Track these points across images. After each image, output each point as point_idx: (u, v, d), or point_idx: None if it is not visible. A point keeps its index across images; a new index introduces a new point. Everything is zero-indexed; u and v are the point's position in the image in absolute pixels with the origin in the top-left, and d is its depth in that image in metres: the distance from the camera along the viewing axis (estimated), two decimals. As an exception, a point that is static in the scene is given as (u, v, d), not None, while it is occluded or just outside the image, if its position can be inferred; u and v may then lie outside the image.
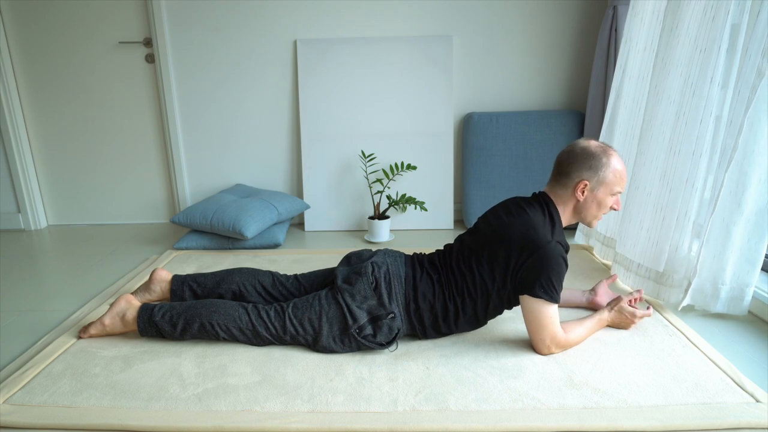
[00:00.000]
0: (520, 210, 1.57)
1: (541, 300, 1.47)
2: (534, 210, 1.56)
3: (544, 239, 1.48)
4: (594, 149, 1.53)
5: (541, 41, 2.85)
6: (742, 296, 1.75)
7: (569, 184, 1.55)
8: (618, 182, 1.54)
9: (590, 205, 1.56)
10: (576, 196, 1.55)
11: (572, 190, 1.55)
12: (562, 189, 1.57)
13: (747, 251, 1.70)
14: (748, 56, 1.58)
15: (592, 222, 1.61)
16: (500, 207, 1.65)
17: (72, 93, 2.99)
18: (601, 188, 1.53)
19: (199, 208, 2.65)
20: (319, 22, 2.84)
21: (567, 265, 1.51)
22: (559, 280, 1.48)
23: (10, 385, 1.44)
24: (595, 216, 1.59)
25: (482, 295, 1.56)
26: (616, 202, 1.58)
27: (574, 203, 1.57)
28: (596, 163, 1.52)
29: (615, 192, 1.55)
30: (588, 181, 1.52)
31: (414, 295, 1.59)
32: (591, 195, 1.54)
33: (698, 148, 1.72)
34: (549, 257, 1.46)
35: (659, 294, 1.89)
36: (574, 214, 1.60)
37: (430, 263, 1.66)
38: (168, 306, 1.66)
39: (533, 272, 1.47)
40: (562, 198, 1.57)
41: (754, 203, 1.67)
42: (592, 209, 1.57)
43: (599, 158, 1.52)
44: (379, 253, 1.70)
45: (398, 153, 2.93)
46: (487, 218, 1.65)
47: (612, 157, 1.53)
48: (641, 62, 2.12)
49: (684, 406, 1.31)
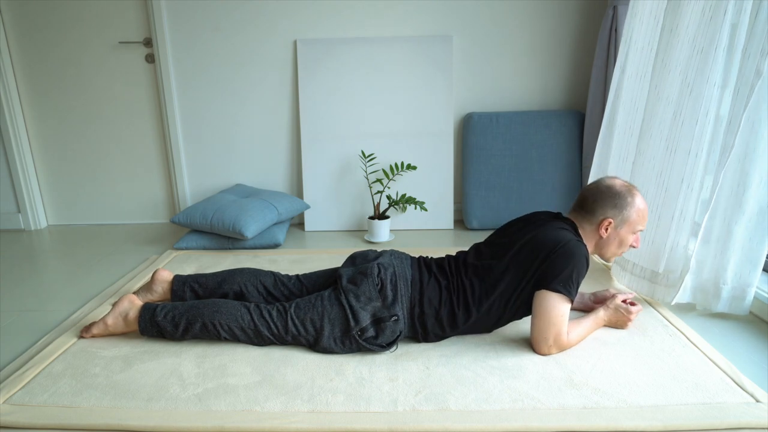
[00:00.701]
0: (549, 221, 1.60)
1: (557, 295, 1.47)
2: (562, 224, 1.59)
3: (570, 236, 1.51)
4: (619, 188, 1.58)
5: (541, 41, 2.85)
6: (744, 296, 1.75)
7: (593, 220, 1.59)
8: (640, 221, 1.59)
9: (612, 242, 1.60)
10: (599, 233, 1.59)
11: (596, 226, 1.59)
12: (586, 224, 1.61)
13: (749, 251, 1.71)
14: (747, 56, 1.58)
15: (611, 258, 1.66)
16: (528, 217, 1.68)
17: (72, 93, 2.99)
18: (624, 226, 1.58)
19: (199, 208, 2.65)
20: (319, 22, 2.84)
21: (588, 267, 1.52)
22: (579, 278, 1.50)
23: (10, 385, 1.44)
24: (614, 253, 1.63)
25: (499, 304, 1.57)
26: (635, 240, 1.63)
27: (597, 239, 1.61)
28: (621, 202, 1.56)
29: (637, 230, 1.60)
30: (612, 219, 1.56)
31: (420, 299, 1.59)
32: (614, 233, 1.59)
33: (695, 147, 1.73)
34: (573, 252, 1.48)
35: (654, 293, 1.89)
36: (594, 249, 1.64)
37: (438, 268, 1.66)
38: (170, 306, 1.66)
39: (556, 266, 1.48)
40: (584, 231, 1.61)
41: (755, 203, 1.67)
42: (612, 246, 1.61)
43: (624, 197, 1.56)
44: (385, 254, 1.69)
45: (398, 153, 2.93)
46: (507, 231, 1.67)
47: (636, 197, 1.58)
48: (641, 62, 2.12)
49: (684, 406, 1.31)
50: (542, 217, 1.65)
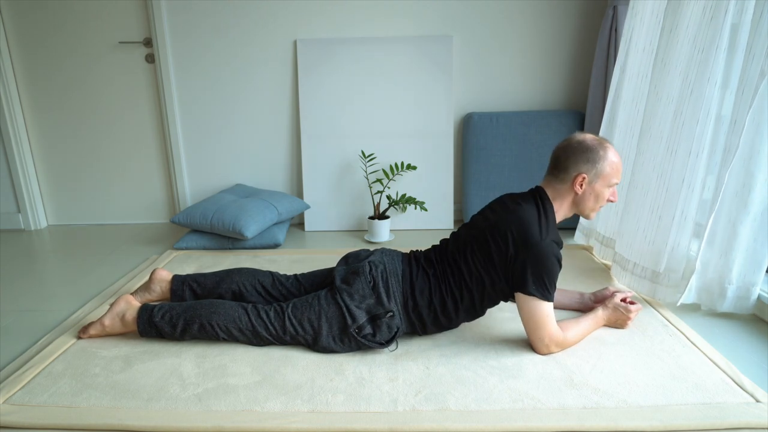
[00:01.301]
0: (515, 205, 1.58)
1: (534, 298, 1.48)
2: (529, 204, 1.57)
3: (536, 237, 1.49)
4: (590, 142, 1.55)
5: (541, 41, 2.85)
6: (749, 295, 1.75)
7: (567, 178, 1.56)
8: (615, 174, 1.56)
9: (588, 197, 1.58)
10: (574, 190, 1.56)
11: (570, 183, 1.56)
12: (560, 183, 1.58)
13: (753, 251, 1.71)
14: (751, 56, 1.58)
15: (590, 214, 1.62)
16: (496, 202, 1.67)
17: (72, 93, 2.99)
18: (598, 180, 1.55)
19: (199, 208, 2.65)
20: (319, 22, 2.84)
21: (560, 263, 1.52)
22: (552, 279, 1.50)
23: (10, 385, 1.44)
24: (592, 209, 1.61)
25: (478, 287, 1.57)
26: (612, 194, 1.60)
27: (573, 197, 1.58)
28: (593, 156, 1.54)
29: (612, 184, 1.58)
30: (586, 174, 1.54)
31: (411, 292, 1.60)
32: (589, 188, 1.56)
33: (696, 147, 1.72)
34: (542, 256, 1.47)
35: (656, 293, 1.89)
36: (572, 207, 1.61)
37: (426, 259, 1.68)
38: (168, 306, 1.66)
39: (526, 270, 1.48)
40: (559, 192, 1.59)
41: (760, 203, 1.67)
42: (590, 202, 1.59)
43: (596, 151, 1.54)
44: (377, 253, 1.71)
45: (398, 153, 2.93)
46: (483, 212, 1.67)
47: (608, 150, 1.55)
48: (641, 62, 2.12)
49: (684, 406, 1.31)
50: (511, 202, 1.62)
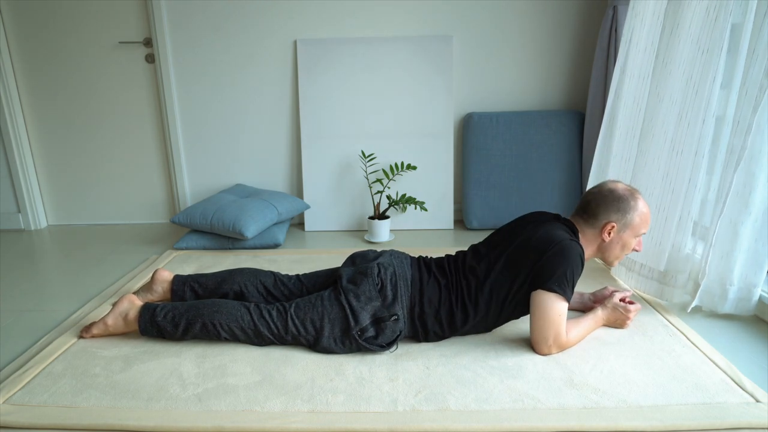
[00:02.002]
0: (547, 220, 1.61)
1: (553, 295, 1.48)
2: (561, 225, 1.60)
3: (565, 236, 1.52)
4: (622, 192, 1.58)
5: (541, 41, 2.85)
6: (750, 296, 1.75)
7: (596, 224, 1.59)
8: (643, 225, 1.59)
9: (615, 246, 1.61)
10: (602, 237, 1.59)
11: (599, 230, 1.59)
12: (588, 227, 1.61)
13: (754, 252, 1.71)
14: (755, 57, 1.58)
15: (614, 262, 1.66)
16: (527, 217, 1.68)
17: (72, 93, 2.99)
18: (627, 230, 1.58)
19: (199, 208, 2.65)
20: (319, 22, 2.84)
21: (583, 266, 1.53)
22: (574, 279, 1.50)
23: (10, 385, 1.44)
24: (617, 257, 1.64)
25: (496, 303, 1.57)
26: (638, 244, 1.63)
27: (599, 243, 1.61)
28: (624, 206, 1.56)
29: (640, 234, 1.61)
30: (615, 223, 1.57)
31: (420, 299, 1.59)
32: (617, 237, 1.59)
33: (700, 148, 1.72)
34: (567, 252, 1.49)
35: (662, 294, 1.89)
36: (596, 252, 1.64)
37: (438, 268, 1.66)
38: (170, 306, 1.66)
39: (550, 266, 1.48)
40: (586, 235, 1.62)
41: (761, 203, 1.67)
42: (615, 250, 1.62)
43: (627, 201, 1.57)
44: (385, 254, 1.70)
45: (398, 153, 2.93)
46: (511, 229, 1.67)
47: (639, 201, 1.58)
48: (641, 62, 2.12)
49: (684, 406, 1.31)
50: (539, 218, 1.66)
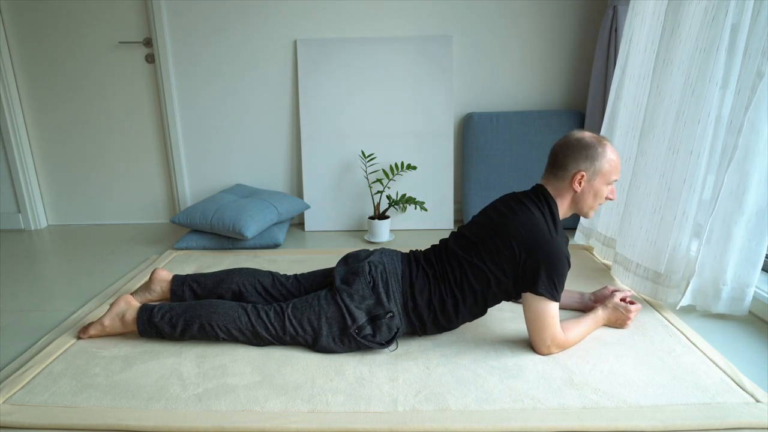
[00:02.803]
0: (521, 206, 1.58)
1: (542, 298, 1.48)
2: (534, 205, 1.57)
3: (547, 237, 1.50)
4: (588, 140, 1.55)
5: (541, 41, 2.85)
6: (743, 296, 1.75)
7: (566, 176, 1.57)
8: (613, 171, 1.57)
9: (587, 195, 1.58)
10: (573, 188, 1.57)
11: (569, 181, 1.57)
12: (559, 181, 1.58)
13: (748, 251, 1.71)
14: (748, 56, 1.58)
15: (588, 212, 1.63)
16: (500, 202, 1.66)
17: (72, 93, 2.99)
18: (597, 178, 1.56)
19: (199, 208, 2.65)
20: (319, 22, 2.84)
21: (569, 264, 1.52)
22: (561, 280, 1.50)
23: (10, 385, 1.44)
24: (591, 206, 1.61)
25: (482, 287, 1.57)
26: (611, 192, 1.60)
27: (572, 195, 1.59)
28: (592, 153, 1.54)
29: (611, 181, 1.58)
30: (585, 171, 1.54)
31: (411, 293, 1.59)
32: (588, 185, 1.56)
33: (697, 147, 1.72)
34: (552, 256, 1.47)
35: (657, 294, 1.89)
36: (571, 206, 1.61)
37: (425, 259, 1.67)
38: (167, 307, 1.66)
39: (536, 270, 1.48)
40: (558, 190, 1.59)
41: (754, 203, 1.67)
42: (588, 199, 1.59)
43: (594, 148, 1.54)
44: (376, 253, 1.70)
45: (398, 153, 2.93)
46: (486, 213, 1.66)
47: (606, 147, 1.56)
48: (641, 62, 2.12)
49: (684, 406, 1.31)
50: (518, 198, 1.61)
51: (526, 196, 1.62)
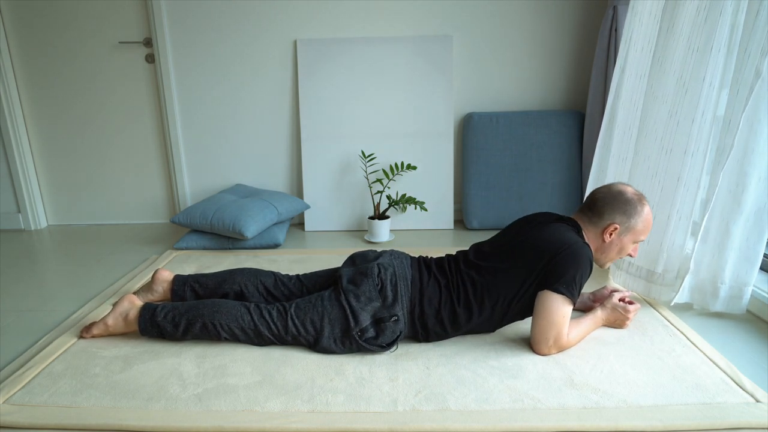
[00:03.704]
0: (551, 222, 1.61)
1: (560, 296, 1.47)
2: (567, 226, 1.60)
3: (576, 238, 1.52)
4: (630, 196, 1.59)
5: (541, 41, 2.85)
6: (741, 295, 1.75)
7: (600, 223, 1.59)
8: (644, 232, 1.60)
9: (613, 248, 1.61)
10: (603, 237, 1.59)
11: (601, 230, 1.59)
12: (592, 226, 1.61)
13: (746, 250, 1.71)
14: (746, 56, 1.58)
15: (606, 263, 1.66)
16: (529, 217, 1.68)
17: (72, 93, 2.99)
18: (628, 234, 1.59)
19: (199, 208, 2.65)
20: (319, 22, 2.84)
21: (591, 270, 1.53)
22: (582, 282, 1.50)
23: (10, 385, 1.44)
24: (612, 259, 1.64)
25: (502, 304, 1.56)
26: (634, 250, 1.64)
27: (599, 243, 1.61)
28: (631, 209, 1.57)
29: (638, 240, 1.61)
30: (619, 225, 1.57)
31: (420, 299, 1.59)
32: (617, 239, 1.59)
33: (690, 146, 1.73)
34: (578, 255, 1.48)
35: (650, 292, 1.89)
36: (593, 253, 1.63)
37: (438, 268, 1.66)
38: (170, 306, 1.66)
39: (561, 268, 1.48)
40: (588, 234, 1.62)
41: (753, 202, 1.67)
42: (613, 252, 1.62)
43: (634, 206, 1.57)
44: (385, 255, 1.69)
45: (398, 153, 2.93)
46: (513, 228, 1.68)
47: (645, 207, 1.59)
48: (640, 62, 2.12)
49: (684, 406, 1.31)
50: (546, 218, 1.65)
51: (557, 218, 1.64)
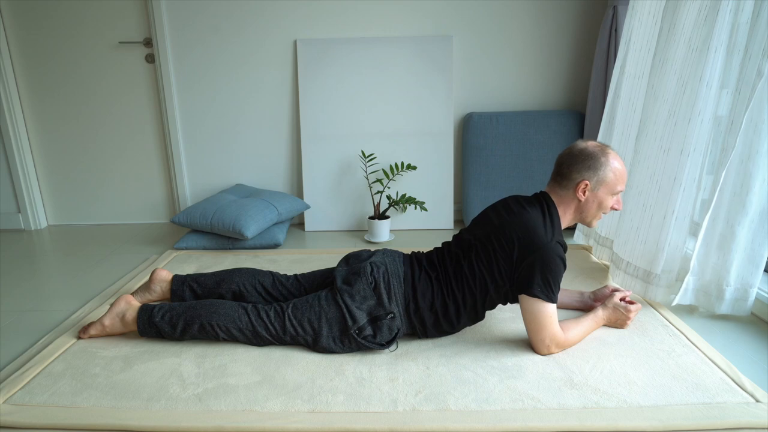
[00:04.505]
0: (520, 208, 1.58)
1: (538, 300, 1.48)
2: (535, 209, 1.57)
3: (543, 239, 1.49)
4: (592, 149, 1.56)
5: (541, 41, 2.85)
6: (746, 297, 1.75)
7: (570, 185, 1.57)
8: (618, 181, 1.56)
9: (591, 204, 1.58)
10: (577, 197, 1.57)
11: (573, 190, 1.57)
12: (563, 190, 1.59)
13: (751, 252, 1.71)
14: (748, 56, 1.58)
15: (592, 222, 1.63)
16: (501, 204, 1.66)
17: (72, 93, 2.99)
18: (601, 188, 1.56)
19: (199, 208, 2.65)
20: (319, 22, 2.84)
21: (565, 266, 1.52)
22: (557, 281, 1.49)
23: (10, 385, 1.44)
24: (595, 216, 1.61)
25: (481, 290, 1.57)
26: (617, 202, 1.60)
27: (576, 204, 1.59)
28: (595, 162, 1.54)
29: (616, 191, 1.58)
30: (588, 180, 1.54)
31: (413, 295, 1.59)
32: (592, 195, 1.56)
33: (689, 146, 1.73)
34: (548, 257, 1.47)
35: (647, 293, 1.89)
36: (575, 215, 1.61)
37: (428, 262, 1.67)
38: (168, 307, 1.66)
39: (531, 272, 1.48)
40: (563, 199, 1.59)
41: (757, 204, 1.67)
42: (592, 209, 1.59)
43: (598, 158, 1.54)
44: (378, 253, 1.70)
45: (398, 153, 2.93)
46: (486, 215, 1.66)
47: (610, 156, 1.56)
48: (639, 62, 2.12)
49: (684, 406, 1.31)
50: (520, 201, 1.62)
51: (526, 199, 1.62)
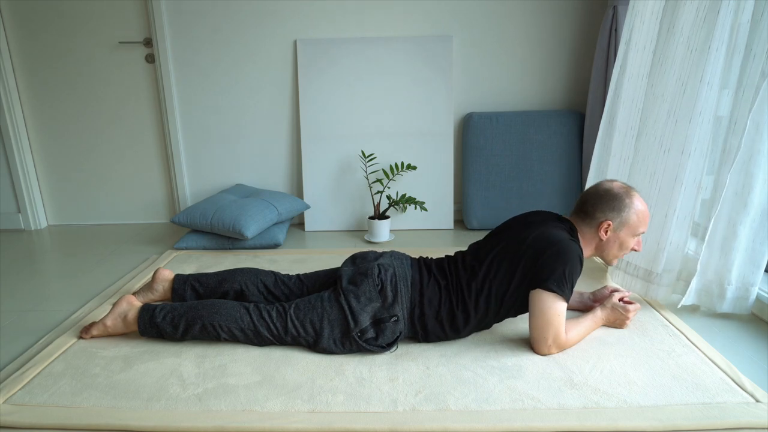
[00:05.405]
0: (544, 221, 1.61)
1: (552, 294, 1.47)
2: (558, 224, 1.60)
3: (565, 237, 1.52)
4: (618, 190, 1.59)
5: (541, 41, 2.85)
6: (747, 296, 1.75)
7: (593, 223, 1.60)
8: (641, 223, 1.59)
9: (612, 244, 1.61)
10: (599, 236, 1.59)
11: (596, 229, 1.60)
12: (587, 227, 1.62)
13: (752, 251, 1.71)
14: (751, 56, 1.58)
15: (612, 260, 1.67)
16: (523, 216, 1.68)
17: (72, 93, 2.99)
18: (624, 228, 1.59)
19: (199, 208, 2.65)
20: (319, 22, 2.84)
21: (581, 267, 1.53)
22: (573, 279, 1.50)
23: (10, 385, 1.44)
24: (615, 255, 1.64)
25: (495, 302, 1.56)
26: (637, 243, 1.64)
27: (597, 242, 1.62)
28: (619, 204, 1.57)
29: (638, 233, 1.61)
30: (611, 221, 1.57)
31: (420, 300, 1.59)
32: (614, 235, 1.59)
33: (689, 146, 1.73)
34: (566, 252, 1.48)
35: (648, 292, 1.89)
36: (595, 252, 1.65)
37: (438, 269, 1.66)
38: (169, 307, 1.66)
39: (549, 265, 1.48)
40: (585, 234, 1.62)
41: (759, 204, 1.67)
42: (613, 249, 1.62)
43: (622, 199, 1.57)
44: (386, 255, 1.69)
45: (398, 153, 2.93)
46: (510, 227, 1.67)
47: (635, 198, 1.59)
48: (639, 62, 2.12)
49: (684, 406, 1.31)
50: (539, 217, 1.66)
51: (551, 216, 1.64)
